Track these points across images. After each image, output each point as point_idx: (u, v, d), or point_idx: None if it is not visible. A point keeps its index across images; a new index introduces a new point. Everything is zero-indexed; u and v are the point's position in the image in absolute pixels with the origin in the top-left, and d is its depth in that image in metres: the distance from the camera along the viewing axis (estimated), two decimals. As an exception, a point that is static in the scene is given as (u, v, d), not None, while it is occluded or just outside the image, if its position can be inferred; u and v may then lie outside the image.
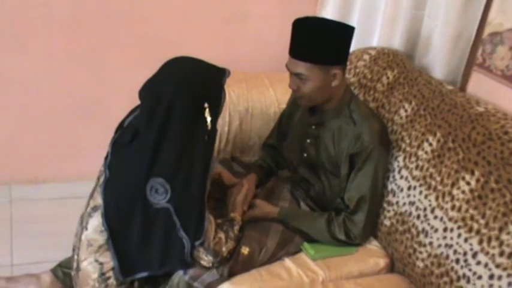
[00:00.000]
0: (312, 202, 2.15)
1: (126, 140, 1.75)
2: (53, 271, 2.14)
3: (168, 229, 1.70)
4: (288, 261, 1.93)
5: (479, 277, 1.63)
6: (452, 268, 1.73)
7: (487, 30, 2.13)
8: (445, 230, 1.78)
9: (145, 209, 1.69)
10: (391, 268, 2.04)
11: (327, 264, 1.94)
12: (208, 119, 1.72)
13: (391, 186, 2.04)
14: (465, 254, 1.69)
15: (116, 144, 1.79)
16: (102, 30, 2.76)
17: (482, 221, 1.66)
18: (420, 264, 1.86)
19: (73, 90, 2.85)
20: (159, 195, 1.67)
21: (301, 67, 1.89)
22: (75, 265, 1.80)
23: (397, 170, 2.03)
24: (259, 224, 1.99)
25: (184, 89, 1.69)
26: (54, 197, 2.90)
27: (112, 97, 2.89)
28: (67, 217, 2.11)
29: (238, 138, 2.56)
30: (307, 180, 2.17)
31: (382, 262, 2.02)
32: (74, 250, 1.83)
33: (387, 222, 2.04)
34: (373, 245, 2.08)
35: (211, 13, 2.88)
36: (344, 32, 1.94)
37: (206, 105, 1.71)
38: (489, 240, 1.63)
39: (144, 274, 1.75)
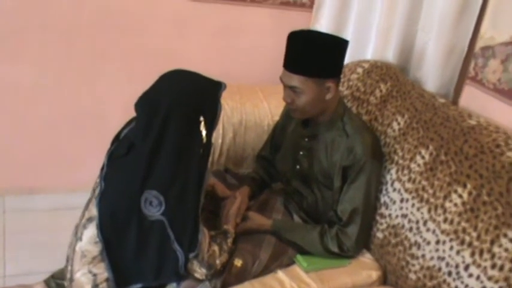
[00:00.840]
0: (305, 214, 2.15)
1: (122, 152, 1.75)
2: (46, 282, 2.12)
3: (162, 242, 1.69)
4: (281, 274, 1.93)
5: (471, 290, 1.64)
6: (444, 280, 1.73)
7: (479, 44, 2.15)
8: (437, 242, 1.79)
9: (140, 221, 1.68)
10: (383, 280, 2.04)
11: (319, 276, 1.94)
12: (204, 132, 1.72)
13: (383, 198, 2.05)
14: (457, 266, 1.70)
15: (111, 156, 1.78)
16: (98, 41, 2.77)
17: (474, 234, 1.67)
18: (413, 276, 1.87)
19: (69, 100, 2.85)
20: (153, 207, 1.67)
21: (296, 80, 1.89)
22: (68, 276, 1.79)
23: (389, 182, 2.04)
24: (253, 236, 1.99)
25: (181, 102, 1.69)
26: (49, 207, 2.89)
27: (108, 108, 2.90)
28: (61, 228, 2.10)
29: (232, 150, 2.56)
30: (300, 192, 2.17)
31: (375, 274, 2.02)
32: (67, 261, 1.82)
33: (380, 235, 2.04)
34: (366, 258, 2.08)
35: (206, 26, 2.89)
36: (338, 45, 1.95)
37: (202, 118, 1.71)
38: (481, 252, 1.63)
39: (138, 286, 1.75)
